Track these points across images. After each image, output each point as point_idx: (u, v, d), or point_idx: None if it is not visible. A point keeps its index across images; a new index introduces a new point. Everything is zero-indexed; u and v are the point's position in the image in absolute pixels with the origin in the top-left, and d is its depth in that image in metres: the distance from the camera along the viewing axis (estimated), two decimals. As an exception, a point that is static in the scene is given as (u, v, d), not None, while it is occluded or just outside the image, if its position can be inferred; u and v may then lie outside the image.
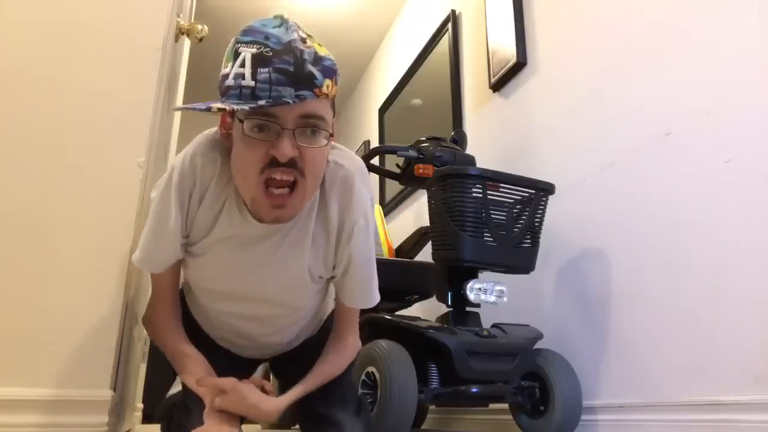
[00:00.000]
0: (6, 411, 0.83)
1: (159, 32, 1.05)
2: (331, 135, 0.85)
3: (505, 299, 1.53)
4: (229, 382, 0.90)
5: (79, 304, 0.90)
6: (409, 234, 2.22)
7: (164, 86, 1.18)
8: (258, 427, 2.48)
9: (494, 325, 1.54)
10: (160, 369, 1.10)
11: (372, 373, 1.39)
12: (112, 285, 0.92)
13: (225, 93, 0.79)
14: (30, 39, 0.96)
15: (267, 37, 0.78)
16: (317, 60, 0.80)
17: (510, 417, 1.59)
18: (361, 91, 4.26)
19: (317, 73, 0.79)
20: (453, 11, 2.76)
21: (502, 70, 2.20)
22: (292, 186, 0.83)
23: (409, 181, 1.83)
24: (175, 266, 0.96)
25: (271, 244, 0.92)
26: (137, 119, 1.00)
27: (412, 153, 1.76)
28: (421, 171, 1.69)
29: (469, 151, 2.00)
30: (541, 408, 1.49)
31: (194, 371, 0.95)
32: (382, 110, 3.59)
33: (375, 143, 3.71)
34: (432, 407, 2.20)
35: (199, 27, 1.39)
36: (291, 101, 0.76)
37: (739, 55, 1.32)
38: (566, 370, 1.49)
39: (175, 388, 1.06)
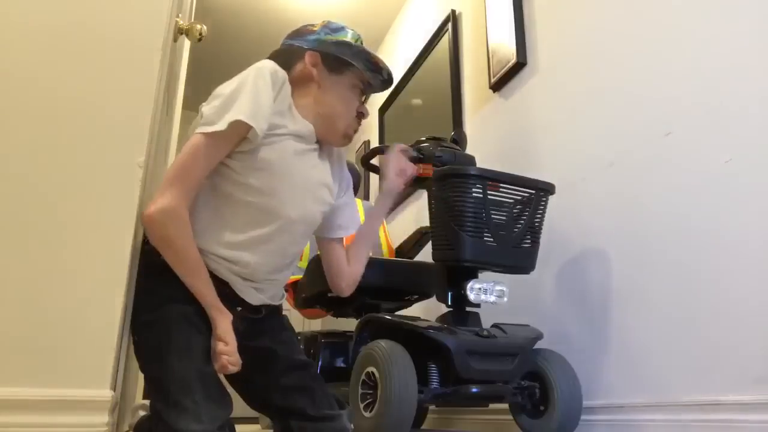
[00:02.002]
0: (6, 411, 0.83)
1: (159, 32, 1.05)
2: None
3: (505, 299, 1.53)
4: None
5: (79, 304, 0.90)
6: (409, 234, 2.22)
7: (164, 86, 1.18)
8: (258, 426, 2.48)
9: (494, 325, 1.54)
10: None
11: (372, 373, 1.39)
12: (112, 285, 0.92)
13: (362, 56, 1.22)
14: (29, 39, 0.96)
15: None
16: None
17: (510, 417, 1.59)
18: (361, 91, 4.25)
19: None
20: (453, 11, 2.76)
21: (502, 70, 2.20)
22: None
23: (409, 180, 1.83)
24: (218, 161, 1.04)
25: (316, 154, 1.20)
26: (137, 119, 0.99)
27: (412, 153, 1.75)
28: (421, 171, 1.69)
29: (469, 151, 2.00)
30: (541, 408, 1.49)
31: (208, 286, 1.03)
32: (382, 110, 3.59)
33: (375, 143, 3.71)
34: (432, 407, 2.21)
35: (199, 27, 1.39)
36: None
37: (740, 55, 1.32)
38: (566, 370, 1.49)
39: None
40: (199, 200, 1.05)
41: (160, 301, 1.02)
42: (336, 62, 1.20)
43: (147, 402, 1.37)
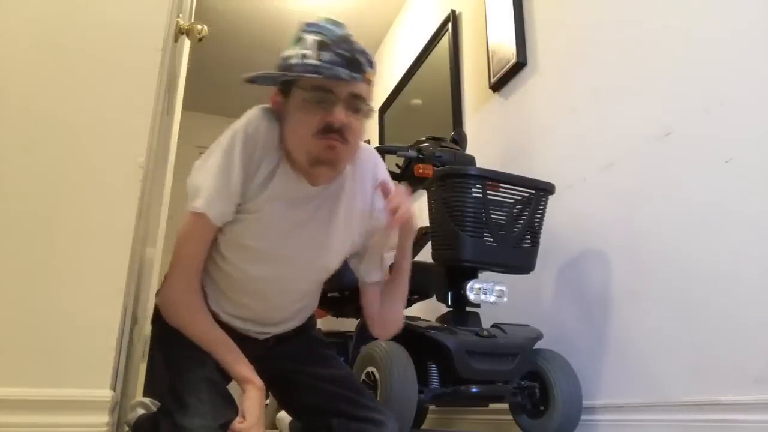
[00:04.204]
0: (6, 411, 0.83)
1: (159, 32, 1.05)
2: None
3: (505, 299, 1.53)
4: None
5: (79, 304, 0.90)
6: (409, 234, 2.21)
7: (164, 86, 1.18)
8: (258, 427, 2.47)
9: (494, 325, 1.54)
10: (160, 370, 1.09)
11: (372, 373, 1.39)
12: (112, 285, 0.92)
13: (288, 69, 0.94)
14: (30, 39, 0.97)
15: (325, 30, 0.95)
16: (363, 52, 0.96)
17: (510, 417, 1.59)
18: (361, 91, 4.25)
19: (364, 61, 0.96)
20: (453, 11, 2.76)
21: (502, 70, 2.20)
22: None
23: (409, 181, 1.83)
24: (210, 239, 1.01)
25: (319, 205, 1.04)
26: (137, 119, 1.00)
27: (412, 153, 1.76)
28: (420, 171, 1.69)
29: (469, 151, 2.00)
30: (541, 408, 1.49)
31: (230, 358, 1.01)
32: (382, 110, 3.59)
33: (375, 143, 3.70)
34: (432, 407, 2.20)
35: (199, 27, 1.39)
36: (347, 78, 0.92)
37: (739, 55, 1.32)
38: (566, 370, 1.49)
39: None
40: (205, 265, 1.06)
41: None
42: (284, 86, 0.99)
43: (145, 399, 1.37)
